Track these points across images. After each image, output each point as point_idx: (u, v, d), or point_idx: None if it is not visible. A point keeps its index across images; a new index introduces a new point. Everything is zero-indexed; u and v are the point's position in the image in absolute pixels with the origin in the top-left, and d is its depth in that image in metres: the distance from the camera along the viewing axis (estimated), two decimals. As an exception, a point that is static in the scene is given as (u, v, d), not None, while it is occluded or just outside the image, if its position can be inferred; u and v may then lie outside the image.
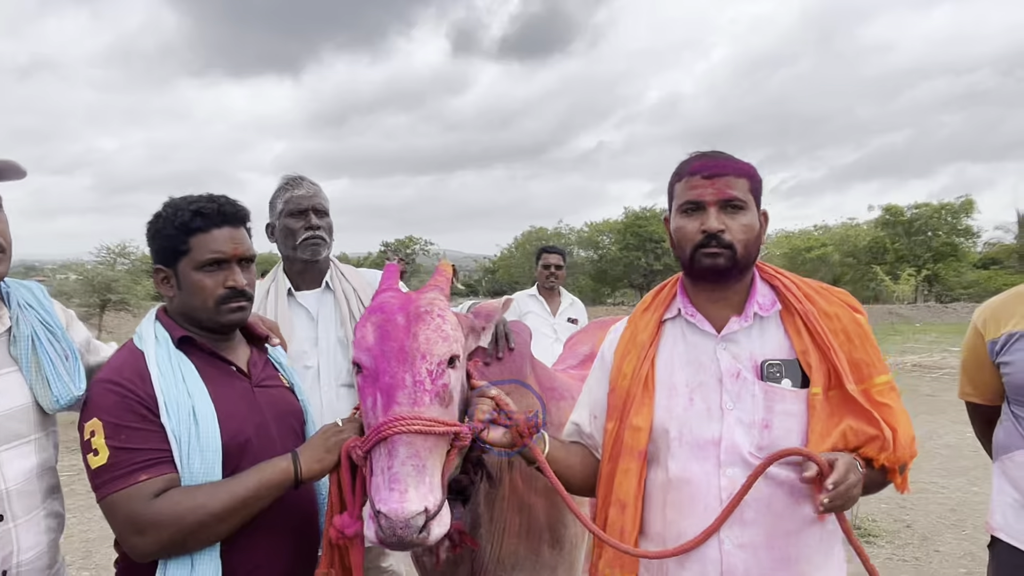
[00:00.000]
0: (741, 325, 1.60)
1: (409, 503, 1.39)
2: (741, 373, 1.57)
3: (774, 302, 1.63)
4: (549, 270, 5.12)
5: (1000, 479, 2.16)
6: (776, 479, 1.52)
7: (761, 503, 1.52)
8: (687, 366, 1.63)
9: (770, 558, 1.52)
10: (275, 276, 2.68)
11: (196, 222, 1.69)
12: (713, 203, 1.56)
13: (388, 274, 1.85)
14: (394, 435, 1.45)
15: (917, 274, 35.16)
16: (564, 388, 2.25)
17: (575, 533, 2.08)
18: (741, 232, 1.56)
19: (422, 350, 1.54)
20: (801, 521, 1.53)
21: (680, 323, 1.68)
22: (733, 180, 1.57)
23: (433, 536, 1.41)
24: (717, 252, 1.55)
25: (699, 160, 1.61)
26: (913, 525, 5.28)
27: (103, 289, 21.35)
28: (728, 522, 1.51)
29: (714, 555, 1.53)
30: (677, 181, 1.64)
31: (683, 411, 1.60)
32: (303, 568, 1.75)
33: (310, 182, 2.68)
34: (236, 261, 1.72)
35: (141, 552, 1.54)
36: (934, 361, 14.72)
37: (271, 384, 1.83)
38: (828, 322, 1.57)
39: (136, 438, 1.55)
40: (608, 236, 40.28)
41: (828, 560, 1.58)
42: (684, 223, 1.60)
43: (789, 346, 1.58)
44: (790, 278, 1.67)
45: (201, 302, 1.70)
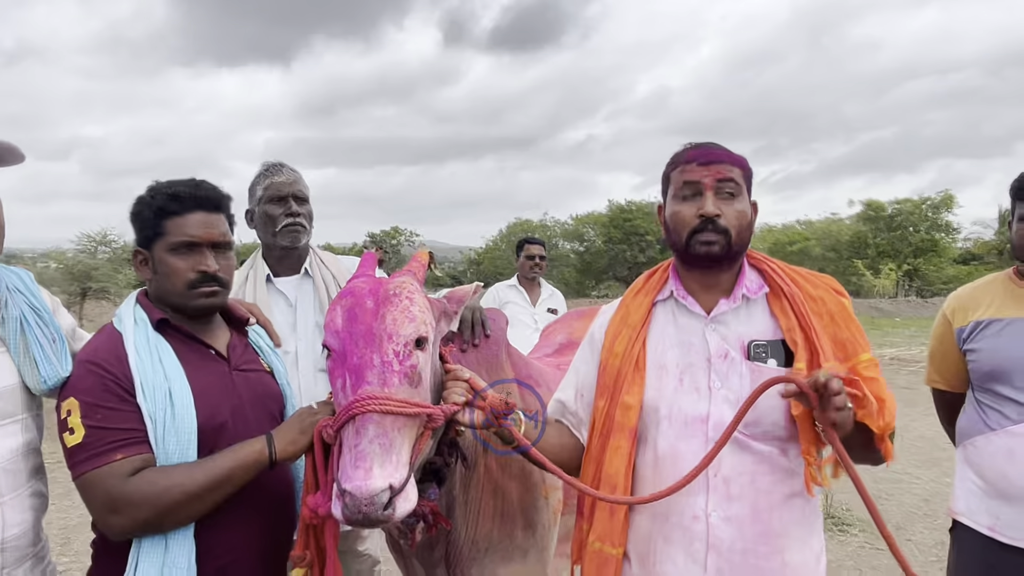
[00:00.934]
0: (730, 307, 1.65)
1: (373, 480, 1.41)
2: (729, 353, 1.62)
3: (761, 285, 1.68)
4: (532, 261, 5.16)
5: (962, 465, 2.21)
6: (760, 453, 1.58)
7: (746, 478, 1.57)
8: (677, 347, 1.68)
9: (754, 532, 1.57)
10: (254, 262, 2.68)
11: (171, 205, 1.71)
12: (710, 187, 1.61)
13: (365, 262, 1.87)
14: (361, 414, 1.47)
15: (898, 269, 35.50)
16: (539, 376, 2.28)
17: (548, 518, 2.11)
18: (735, 218, 1.61)
19: (389, 331, 1.56)
20: (784, 496, 1.59)
21: (671, 305, 1.73)
22: (728, 167, 1.63)
23: (399, 513, 1.43)
24: (712, 240, 1.60)
25: (695, 149, 1.66)
26: (887, 515, 5.37)
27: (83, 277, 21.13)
28: (714, 496, 1.57)
29: (701, 528, 1.58)
30: (672, 169, 1.68)
31: (673, 390, 1.64)
32: (280, 549, 1.78)
33: (290, 168, 2.68)
34: (209, 246, 1.73)
35: (116, 531, 1.56)
36: (912, 355, 14.90)
37: (250, 368, 1.85)
38: (813, 304, 1.63)
39: (112, 418, 1.57)
40: (593, 229, 40.33)
41: (808, 535, 1.63)
42: (680, 208, 1.64)
43: (775, 327, 1.64)
44: (776, 263, 1.72)
45: (172, 285, 1.72)
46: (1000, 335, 2.11)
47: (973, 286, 2.27)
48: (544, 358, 2.68)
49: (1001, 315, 2.13)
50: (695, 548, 1.58)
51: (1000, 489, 2.06)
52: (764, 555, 1.57)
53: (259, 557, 1.74)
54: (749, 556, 1.57)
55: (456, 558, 1.98)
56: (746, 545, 1.57)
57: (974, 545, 2.13)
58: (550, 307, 5.10)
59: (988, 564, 2.08)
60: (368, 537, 2.78)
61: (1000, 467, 2.06)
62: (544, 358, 2.68)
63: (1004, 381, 2.08)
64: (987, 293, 2.20)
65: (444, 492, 1.85)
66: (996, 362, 2.09)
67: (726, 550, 1.57)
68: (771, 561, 1.57)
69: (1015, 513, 2.03)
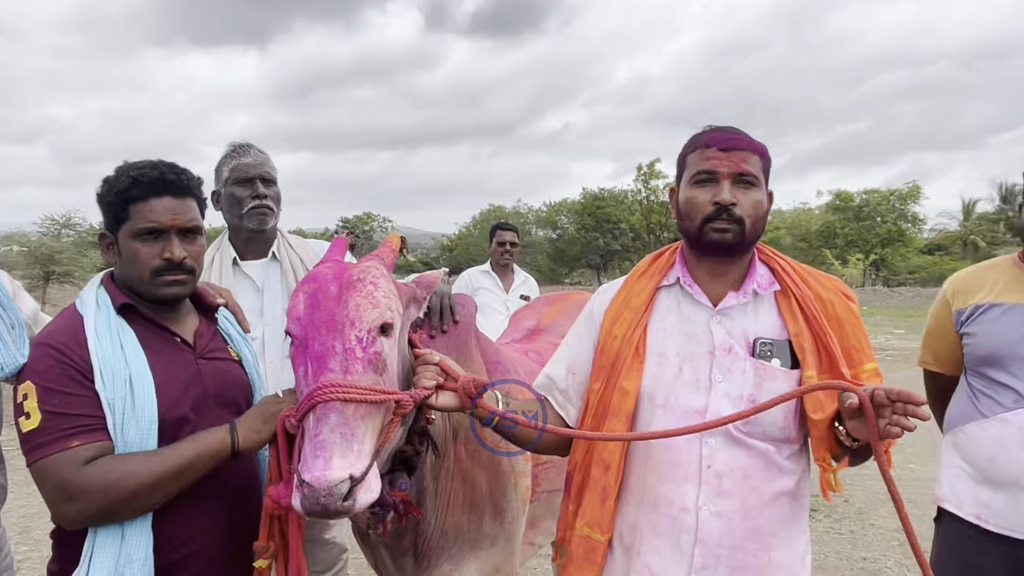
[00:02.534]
0: (739, 301, 1.61)
1: (332, 471, 1.37)
2: (733, 348, 1.58)
3: (772, 282, 1.64)
4: (504, 247, 5.13)
5: (950, 452, 2.18)
6: (755, 450, 1.56)
7: (738, 473, 1.55)
8: (679, 335, 1.64)
9: (743, 528, 1.55)
10: (220, 245, 2.62)
11: (135, 190, 1.64)
12: (727, 175, 1.56)
13: (334, 247, 1.83)
14: (322, 402, 1.44)
15: (865, 258, 36.11)
16: (509, 362, 2.26)
17: (516, 506, 2.10)
18: (751, 208, 1.57)
19: (351, 317, 1.52)
20: (774, 494, 1.57)
21: (676, 292, 1.69)
22: (748, 155, 1.57)
23: (359, 504, 1.40)
24: (726, 227, 1.55)
25: (716, 132, 1.60)
26: (851, 500, 5.46)
27: (46, 261, 20.73)
28: (706, 490, 1.55)
29: (690, 522, 1.56)
30: (691, 152, 1.63)
31: (671, 379, 1.61)
32: (243, 541, 1.73)
33: (257, 150, 2.62)
34: (176, 232, 1.67)
35: (70, 519, 1.52)
36: (878, 343, 15.16)
37: (217, 356, 1.80)
38: (823, 307, 1.59)
39: (69, 403, 1.52)
40: (566, 216, 40.44)
41: (795, 534, 1.62)
42: (696, 193, 1.59)
43: (782, 327, 1.60)
44: (788, 261, 1.68)
45: (137, 272, 1.66)
46: (999, 320, 2.07)
47: (976, 268, 2.23)
48: (513, 344, 2.66)
49: (1002, 300, 2.09)
50: (683, 540, 1.57)
51: (988, 476, 2.04)
52: (752, 552, 1.56)
53: (222, 548, 1.70)
54: (737, 552, 1.55)
55: (425, 547, 1.96)
56: (734, 541, 1.55)
57: (959, 533, 2.10)
58: (523, 293, 5.08)
59: (972, 552, 2.06)
60: (335, 525, 2.75)
61: (990, 454, 2.03)
62: (513, 344, 2.66)
63: (999, 366, 2.05)
64: (990, 277, 2.15)
65: (414, 481, 1.82)
66: (992, 347, 2.06)
67: (714, 544, 1.55)
68: (758, 558, 1.56)
69: (1003, 501, 2.01)
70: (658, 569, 1.59)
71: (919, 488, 5.74)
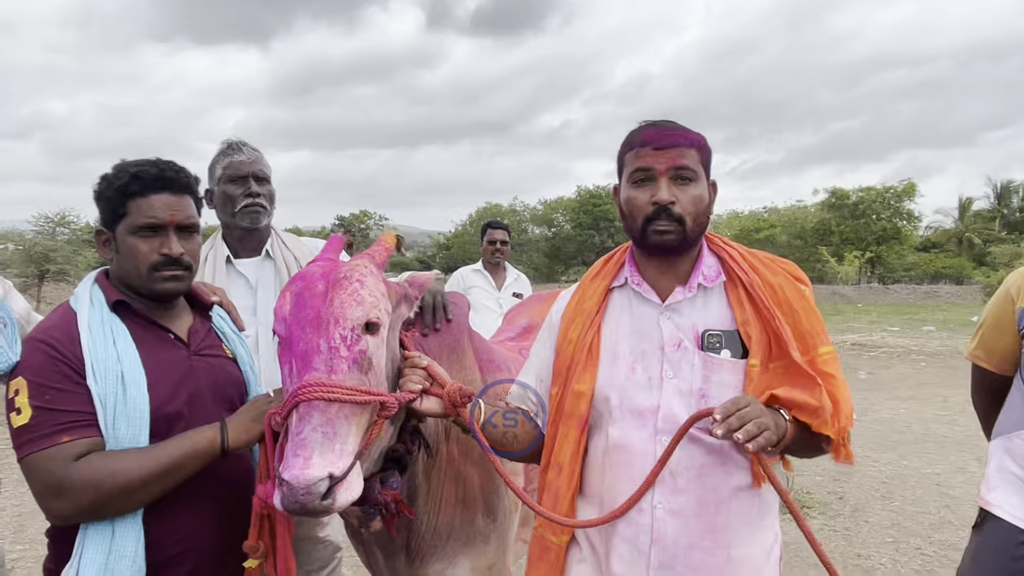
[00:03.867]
0: (685, 295, 1.61)
1: (311, 469, 1.37)
2: (682, 343, 1.58)
3: (719, 273, 1.63)
4: (494, 246, 5.12)
5: (1002, 456, 2.10)
6: (709, 447, 1.54)
7: (692, 471, 1.54)
8: (631, 335, 1.63)
9: (699, 526, 1.54)
10: (213, 243, 2.62)
11: (134, 186, 1.66)
12: (664, 172, 1.55)
13: (329, 245, 1.83)
14: (304, 401, 1.44)
15: (861, 256, 36.15)
16: (502, 360, 2.26)
17: (508, 504, 2.10)
18: (691, 204, 1.56)
19: (336, 315, 1.52)
20: (731, 491, 1.55)
21: (627, 292, 1.69)
22: (684, 150, 1.56)
23: (339, 503, 1.39)
24: (667, 229, 1.55)
25: (650, 130, 1.59)
26: (845, 497, 5.47)
27: (41, 259, 20.70)
28: (661, 489, 1.53)
29: (646, 521, 1.55)
30: (628, 151, 1.62)
31: (624, 379, 1.60)
32: (237, 539, 1.73)
33: (251, 147, 2.62)
34: (174, 228, 1.68)
35: (58, 515, 1.52)
36: (872, 340, 15.20)
37: (211, 353, 1.80)
38: (771, 292, 1.58)
39: (60, 399, 1.53)
40: (562, 214, 40.44)
41: (757, 530, 1.59)
42: (635, 194, 1.58)
43: (731, 317, 1.59)
44: (737, 249, 1.67)
45: (135, 268, 1.67)
46: None
47: None
48: (506, 342, 2.66)
49: None
50: (640, 541, 1.56)
51: None
52: (708, 550, 1.54)
53: (215, 546, 1.69)
54: (694, 551, 1.54)
55: (417, 546, 1.96)
56: (691, 540, 1.54)
57: (1009, 538, 2.02)
58: (515, 292, 5.08)
59: (1020, 557, 1.98)
60: (328, 524, 2.75)
61: None
62: (506, 342, 2.66)
63: None
64: None
65: (406, 480, 1.82)
66: None
67: (670, 544, 1.54)
68: (716, 556, 1.54)
69: None
70: (619, 570, 1.59)
71: (912, 484, 5.77)
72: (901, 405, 8.92)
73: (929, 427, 7.74)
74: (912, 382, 10.63)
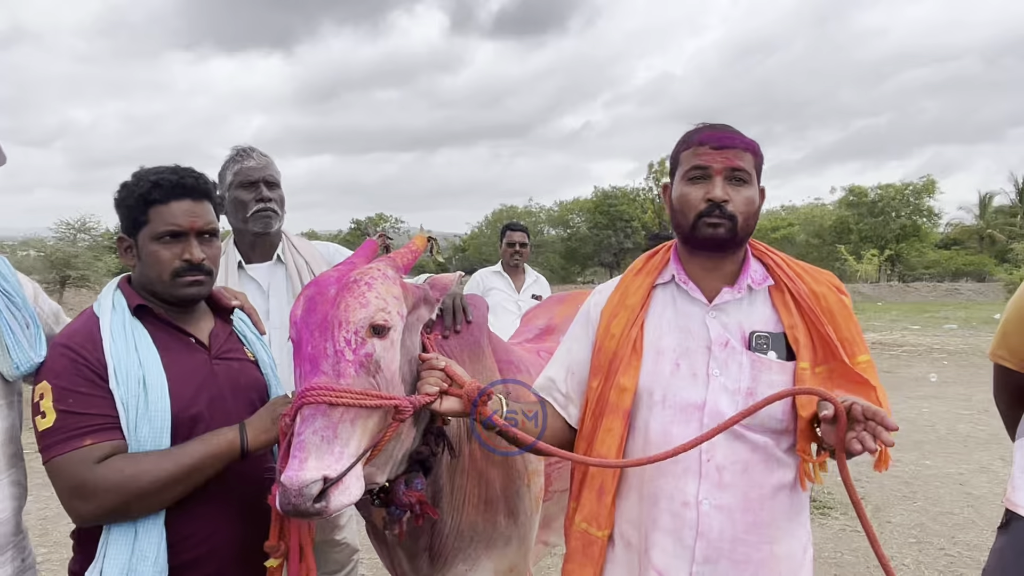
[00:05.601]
0: (733, 296, 1.63)
1: (305, 472, 1.37)
2: (730, 342, 1.60)
3: (766, 277, 1.66)
4: (513, 247, 5.12)
5: None
6: (754, 443, 1.56)
7: (738, 467, 1.56)
8: (676, 331, 1.66)
9: (744, 521, 1.56)
10: (225, 249, 2.64)
11: (155, 193, 1.68)
12: (720, 172, 1.58)
13: (361, 250, 1.83)
14: (305, 404, 1.45)
15: (880, 254, 35.82)
16: (520, 361, 2.26)
17: (529, 504, 2.10)
18: (743, 205, 1.59)
19: (340, 319, 1.53)
20: (775, 487, 1.58)
21: (671, 289, 1.71)
22: (740, 152, 1.59)
23: (333, 506, 1.39)
24: (718, 223, 1.58)
25: (709, 131, 1.63)
26: (867, 497, 5.42)
27: (62, 265, 20.95)
28: (706, 484, 1.55)
29: (692, 515, 1.57)
30: (684, 149, 1.65)
31: (669, 375, 1.62)
32: (256, 540, 1.75)
33: (260, 153, 2.64)
34: (195, 234, 1.70)
35: (83, 516, 1.55)
36: (893, 339, 15.07)
37: (232, 357, 1.82)
38: (816, 300, 1.62)
39: (83, 403, 1.55)
40: (578, 215, 40.40)
41: (796, 526, 1.63)
42: (689, 190, 1.61)
43: (776, 320, 1.62)
44: (781, 256, 1.70)
45: (157, 274, 1.69)
46: None
47: None
48: (524, 343, 2.66)
49: None
50: (684, 535, 1.57)
51: None
52: (753, 544, 1.56)
53: (237, 547, 1.70)
54: (738, 545, 1.56)
55: (440, 547, 1.96)
56: (736, 534, 1.56)
57: None
58: (534, 293, 5.07)
59: None
60: (345, 526, 2.76)
61: None
62: (524, 343, 2.66)
63: None
64: None
65: (431, 481, 1.83)
66: None
67: (715, 538, 1.56)
68: (760, 551, 1.57)
69: None
70: (662, 565, 1.60)
71: (935, 484, 5.70)
72: (923, 404, 8.83)
73: (952, 426, 7.66)
74: (935, 380, 10.52)
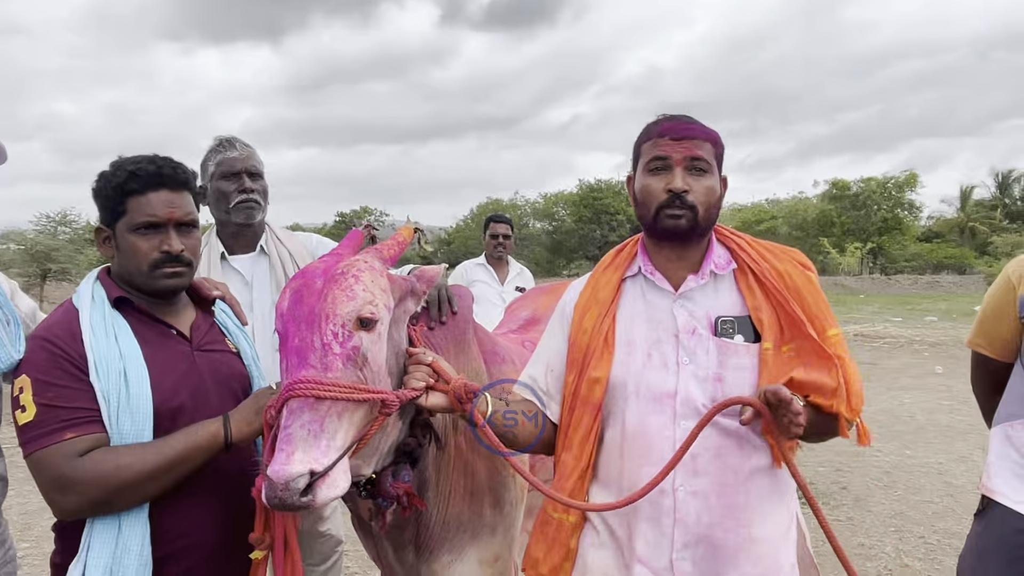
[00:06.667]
0: (697, 283, 1.65)
1: (292, 465, 1.38)
2: (697, 329, 1.62)
3: (729, 261, 1.68)
4: (497, 239, 5.11)
5: (1003, 443, 2.10)
6: (727, 429, 1.58)
7: (711, 453, 1.58)
8: (646, 323, 1.67)
9: (720, 505, 1.58)
10: (208, 240, 2.62)
11: (132, 183, 1.66)
12: (680, 162, 1.60)
13: (346, 241, 1.82)
14: (292, 397, 1.45)
15: (862, 247, 36.11)
16: (505, 352, 2.26)
17: (514, 495, 2.10)
18: (704, 194, 1.61)
19: (327, 311, 1.52)
20: (750, 471, 1.59)
21: (640, 281, 1.73)
22: (700, 143, 1.61)
23: (319, 499, 1.40)
24: (679, 214, 1.59)
25: (668, 122, 1.64)
26: (848, 487, 5.48)
27: (43, 259, 20.74)
28: (681, 471, 1.57)
29: (668, 503, 1.59)
30: (645, 141, 1.67)
31: (641, 366, 1.64)
32: (242, 532, 1.74)
33: (243, 143, 2.62)
34: (173, 225, 1.69)
35: (65, 510, 1.54)
36: (875, 331, 15.21)
37: (214, 348, 1.81)
38: (780, 279, 1.63)
39: (64, 396, 1.54)
40: (563, 208, 40.42)
41: (775, 509, 1.64)
42: (650, 181, 1.63)
43: (742, 304, 1.64)
44: (744, 239, 1.72)
45: (136, 265, 1.68)
46: None
47: None
48: (509, 334, 2.66)
49: None
50: (663, 522, 1.59)
51: None
52: (730, 528, 1.58)
53: (221, 539, 1.70)
54: (716, 529, 1.58)
55: (427, 538, 1.96)
56: (712, 519, 1.58)
57: (1010, 526, 2.02)
58: (518, 285, 5.07)
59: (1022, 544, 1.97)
60: (329, 518, 2.77)
61: None
62: (509, 334, 2.66)
63: None
64: None
65: (417, 473, 1.83)
66: None
67: (692, 524, 1.58)
68: (738, 535, 1.58)
69: None
70: (644, 554, 1.62)
71: (915, 474, 5.77)
72: (904, 395, 8.93)
73: (932, 416, 7.75)
74: (915, 371, 10.64)
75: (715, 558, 1.58)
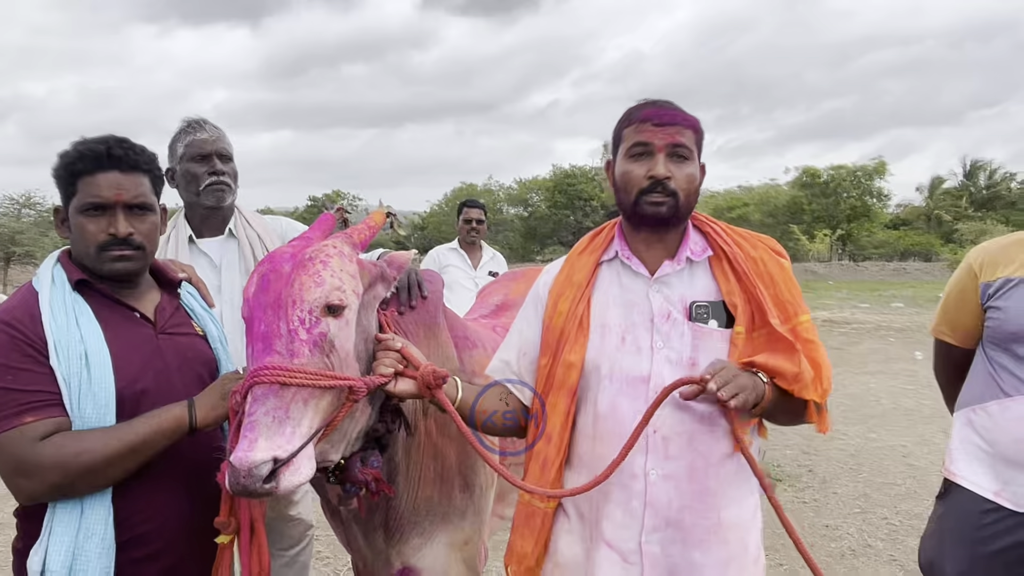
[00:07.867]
0: (674, 268, 1.66)
1: (255, 452, 1.37)
2: (672, 314, 1.63)
3: (705, 248, 1.69)
4: (470, 224, 5.11)
5: (965, 428, 2.13)
6: (698, 414, 1.59)
7: (683, 437, 1.59)
8: (621, 307, 1.68)
9: (691, 490, 1.59)
10: (176, 223, 2.59)
11: (82, 164, 1.63)
12: (662, 148, 1.60)
13: (317, 224, 1.80)
14: (257, 384, 1.44)
15: (832, 234, 36.56)
16: (476, 337, 2.26)
17: (484, 479, 2.11)
18: (685, 181, 1.61)
19: (294, 297, 1.51)
20: (721, 456, 1.61)
21: (616, 265, 1.73)
22: (682, 129, 1.61)
23: (283, 486, 1.39)
24: (660, 201, 1.60)
25: (651, 107, 1.64)
26: (814, 470, 5.58)
27: (7, 242, 20.29)
28: (653, 456, 1.59)
29: (639, 486, 1.60)
30: (626, 126, 1.66)
31: (615, 349, 1.65)
32: (207, 516, 1.73)
33: (212, 125, 2.58)
34: (122, 207, 1.64)
35: (26, 495, 1.52)
36: (843, 317, 15.43)
37: (179, 332, 1.78)
38: (753, 265, 1.64)
39: (23, 379, 1.51)
40: (537, 194, 40.38)
41: (744, 494, 1.66)
42: (631, 167, 1.62)
43: (716, 289, 1.65)
44: (720, 226, 1.73)
45: (83, 247, 1.65)
46: None
47: (1006, 241, 2.15)
48: (480, 319, 2.66)
49: None
50: (633, 506, 1.61)
51: (1010, 456, 1.99)
52: (700, 512, 1.60)
53: (185, 524, 1.69)
54: (686, 513, 1.59)
55: (396, 522, 1.97)
56: (683, 502, 1.59)
57: (971, 507, 2.07)
58: (491, 270, 5.07)
59: (983, 525, 2.03)
60: (299, 502, 2.75)
61: (1015, 434, 1.98)
62: (480, 319, 2.66)
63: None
64: (1022, 250, 2.06)
65: (386, 458, 1.83)
66: (1022, 324, 1.97)
67: (663, 507, 1.59)
68: (707, 518, 1.60)
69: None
70: (611, 536, 1.63)
71: (880, 457, 5.89)
72: (871, 380, 9.08)
73: (897, 401, 7.90)
74: (880, 357, 10.83)
75: (684, 541, 1.60)
